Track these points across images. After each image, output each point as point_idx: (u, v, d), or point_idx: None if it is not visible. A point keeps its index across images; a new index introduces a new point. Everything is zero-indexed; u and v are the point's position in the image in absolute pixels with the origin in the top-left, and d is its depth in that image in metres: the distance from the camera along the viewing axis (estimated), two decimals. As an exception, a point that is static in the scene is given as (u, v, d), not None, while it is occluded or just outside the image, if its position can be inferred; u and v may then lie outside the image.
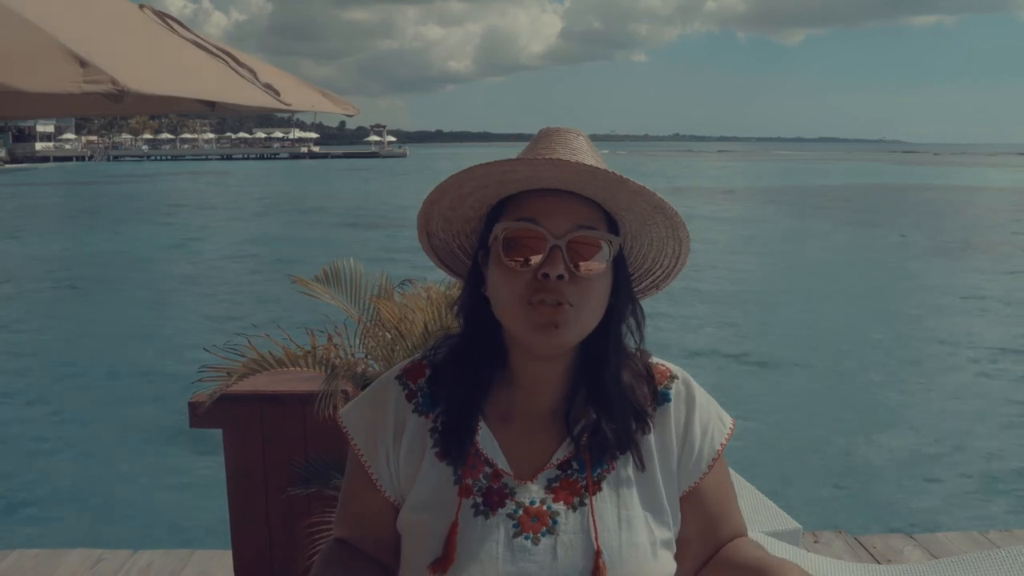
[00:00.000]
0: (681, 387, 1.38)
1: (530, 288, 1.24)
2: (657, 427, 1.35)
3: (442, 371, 1.37)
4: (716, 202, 48.08)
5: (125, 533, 7.28)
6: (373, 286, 3.38)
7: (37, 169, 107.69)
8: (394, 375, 1.40)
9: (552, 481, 1.30)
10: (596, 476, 1.31)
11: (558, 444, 1.33)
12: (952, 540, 4.57)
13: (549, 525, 1.28)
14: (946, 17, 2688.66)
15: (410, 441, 1.34)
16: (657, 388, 1.37)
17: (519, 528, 1.27)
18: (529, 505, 1.29)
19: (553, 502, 1.29)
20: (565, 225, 1.24)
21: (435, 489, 1.31)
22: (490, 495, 1.29)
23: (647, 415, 1.34)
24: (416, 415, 1.35)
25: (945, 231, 33.00)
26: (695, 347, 14.01)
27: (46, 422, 11.04)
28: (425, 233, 1.39)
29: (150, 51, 2.30)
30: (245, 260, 25.76)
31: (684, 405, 1.38)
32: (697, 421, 1.37)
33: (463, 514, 1.28)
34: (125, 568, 4.32)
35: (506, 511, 1.28)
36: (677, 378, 1.39)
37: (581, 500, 1.29)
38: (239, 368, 3.16)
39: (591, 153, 1.28)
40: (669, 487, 1.34)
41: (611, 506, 1.29)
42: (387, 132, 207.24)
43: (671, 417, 1.36)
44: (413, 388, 1.37)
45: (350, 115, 3.33)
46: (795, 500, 6.97)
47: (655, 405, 1.36)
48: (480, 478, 1.30)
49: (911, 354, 14.23)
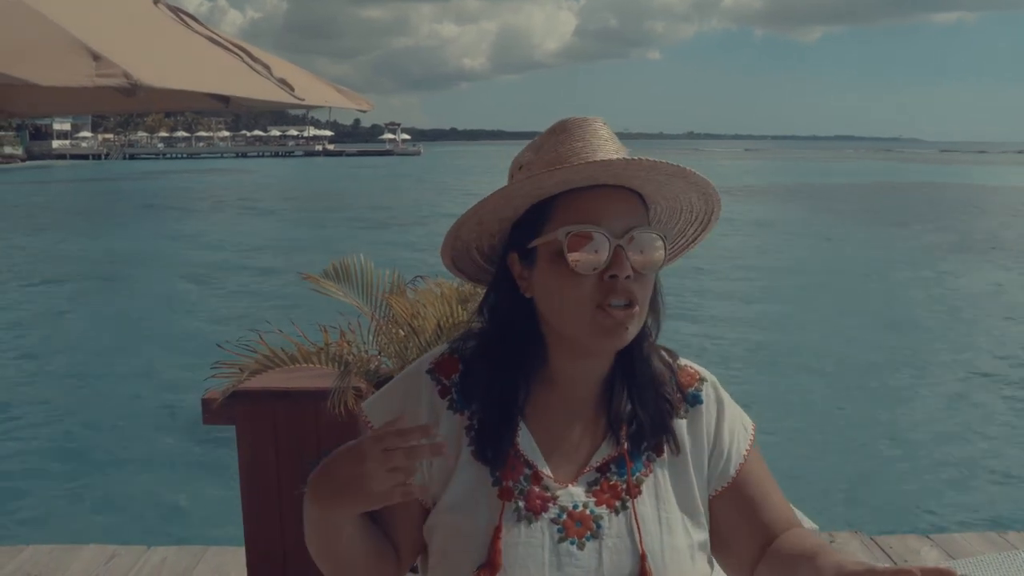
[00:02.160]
0: (711, 390, 1.38)
1: (599, 291, 1.22)
2: (691, 429, 1.35)
3: (475, 368, 1.33)
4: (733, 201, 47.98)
5: (139, 529, 7.30)
6: (385, 282, 3.37)
7: (54, 167, 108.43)
8: (424, 368, 1.36)
9: (592, 484, 1.28)
10: (635, 479, 1.30)
11: (596, 445, 1.31)
12: (969, 541, 4.53)
13: (593, 530, 1.26)
14: (967, 14, 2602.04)
15: (444, 439, 1.28)
16: (687, 390, 1.37)
17: (564, 533, 1.25)
18: (572, 509, 1.27)
19: (596, 506, 1.27)
20: (622, 224, 1.23)
21: (472, 490, 1.28)
22: (532, 498, 1.26)
23: (675, 403, 1.34)
24: (451, 412, 1.32)
25: (951, 228, 32.80)
26: (713, 346, 13.97)
27: (59, 418, 11.10)
28: (453, 238, 1.34)
29: (163, 46, 2.30)
30: (258, 257, 25.84)
31: (715, 408, 1.37)
32: (726, 424, 1.36)
33: (506, 518, 1.25)
34: (139, 564, 4.33)
35: (549, 516, 1.26)
36: (707, 381, 1.39)
37: (623, 503, 1.28)
38: (252, 365, 3.16)
39: (616, 140, 1.29)
40: (702, 490, 1.33)
41: (651, 509, 1.29)
42: (401, 130, 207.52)
43: (703, 419, 1.35)
44: (447, 384, 1.33)
45: (364, 111, 3.32)
46: (811, 500, 6.93)
47: (687, 406, 1.36)
48: (520, 480, 1.27)
49: (932, 356, 14.15)
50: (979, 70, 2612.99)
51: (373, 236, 30.84)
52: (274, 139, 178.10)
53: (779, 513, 1.36)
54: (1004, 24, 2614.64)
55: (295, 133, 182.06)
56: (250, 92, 2.35)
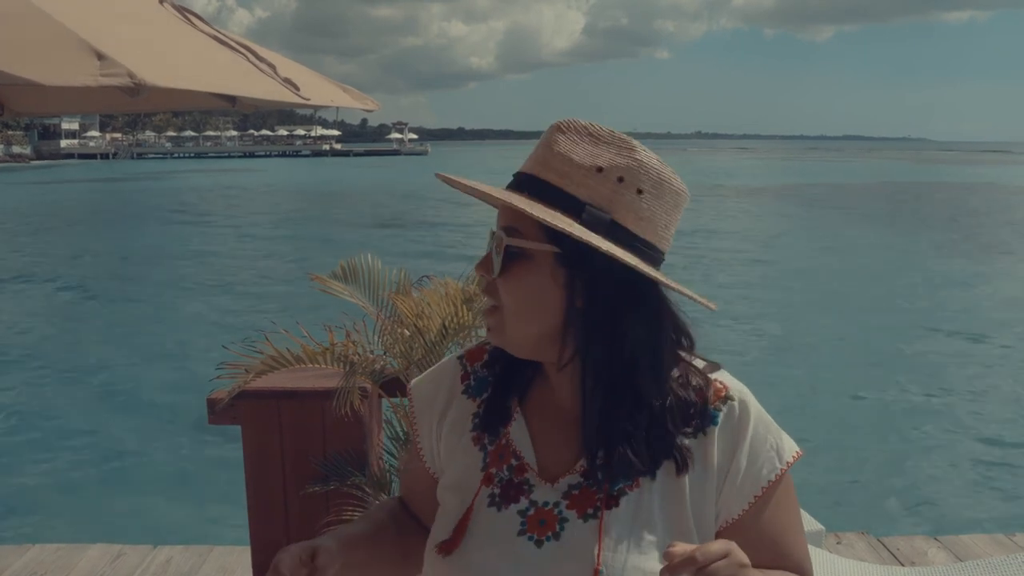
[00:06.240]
0: (734, 409, 1.25)
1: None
2: (696, 453, 1.23)
3: (496, 357, 1.37)
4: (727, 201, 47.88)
5: (145, 528, 7.31)
6: (391, 282, 3.36)
7: (62, 166, 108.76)
8: (458, 355, 1.43)
9: (573, 488, 1.26)
10: (616, 490, 1.23)
11: (584, 451, 1.29)
12: (977, 542, 4.52)
13: (555, 531, 1.23)
14: (979, 12, 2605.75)
15: (453, 421, 1.36)
16: (707, 407, 1.25)
17: (524, 527, 1.25)
18: (542, 506, 1.26)
19: (567, 509, 1.24)
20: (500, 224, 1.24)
21: (464, 472, 1.32)
22: (508, 488, 1.28)
23: (681, 446, 1.23)
24: (464, 396, 1.37)
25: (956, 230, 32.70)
26: (726, 348, 13.96)
27: (66, 417, 11.13)
28: None
29: (168, 45, 2.29)
30: (266, 256, 25.89)
31: (732, 430, 1.24)
32: (745, 449, 1.24)
33: (479, 501, 1.28)
34: (145, 563, 4.34)
35: (518, 507, 1.26)
36: (732, 400, 1.26)
37: (594, 513, 1.23)
38: (257, 365, 3.15)
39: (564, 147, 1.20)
40: (701, 517, 1.23)
41: (625, 525, 1.21)
42: (409, 130, 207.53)
43: (714, 442, 1.24)
44: (469, 370, 1.39)
45: (370, 110, 3.31)
46: (818, 500, 6.91)
47: (698, 427, 1.24)
48: (504, 469, 1.29)
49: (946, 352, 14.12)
50: (990, 70, 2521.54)
51: (380, 236, 30.88)
52: (282, 139, 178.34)
53: (786, 560, 1.27)
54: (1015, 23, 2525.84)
55: (302, 133, 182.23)
56: (255, 92, 2.34)
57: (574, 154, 1.19)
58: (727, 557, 1.05)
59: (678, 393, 1.24)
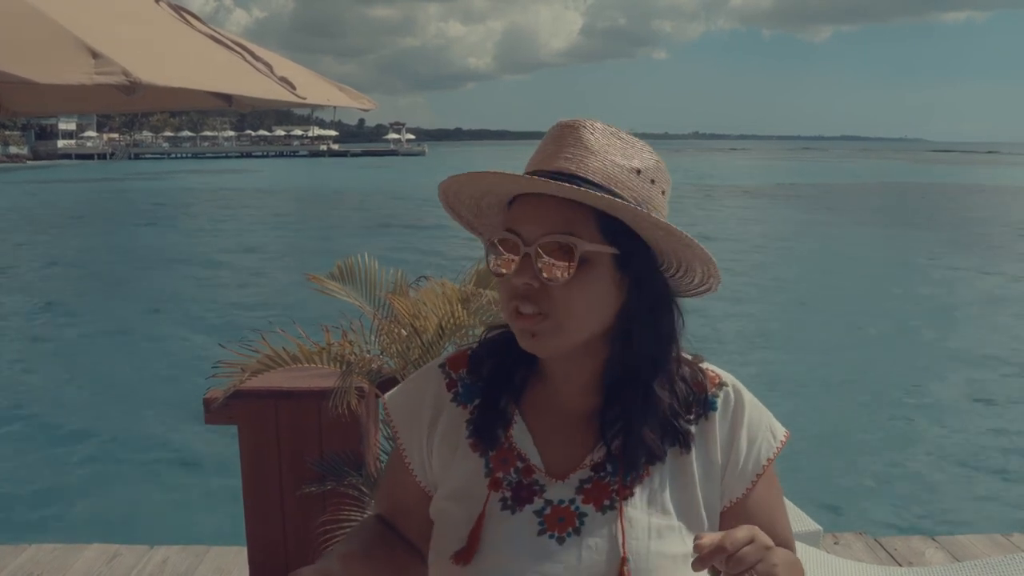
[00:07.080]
0: (730, 395, 1.31)
1: (515, 296, 1.21)
2: (699, 438, 1.29)
3: (482, 362, 1.35)
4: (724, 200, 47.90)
5: (141, 529, 7.30)
6: (388, 282, 3.36)
7: (59, 166, 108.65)
8: (438, 363, 1.40)
9: (584, 482, 1.27)
10: (628, 481, 1.26)
11: (593, 445, 1.29)
12: (974, 543, 4.52)
13: (576, 526, 1.24)
14: (977, 13, 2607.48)
15: (445, 430, 1.33)
16: (703, 395, 1.30)
17: (544, 526, 1.25)
18: (557, 504, 1.26)
19: (583, 503, 1.26)
20: (537, 231, 1.19)
21: (466, 480, 1.29)
22: (519, 490, 1.27)
23: (685, 431, 1.28)
24: (454, 405, 1.35)
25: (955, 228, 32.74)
26: (727, 349, 13.96)
27: (63, 417, 11.11)
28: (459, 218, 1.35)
29: (164, 44, 2.29)
30: (262, 257, 25.87)
31: (731, 415, 1.31)
32: (744, 432, 1.30)
33: (491, 507, 1.26)
34: (141, 564, 4.33)
35: (533, 508, 1.26)
36: (727, 386, 1.32)
37: (611, 504, 1.25)
38: (253, 364, 3.15)
39: (599, 146, 1.20)
40: (709, 500, 1.28)
41: (642, 513, 1.25)
42: (406, 130, 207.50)
43: (715, 427, 1.29)
44: (454, 378, 1.37)
45: (367, 110, 3.31)
46: (815, 501, 6.90)
47: (699, 414, 1.30)
48: (511, 472, 1.28)
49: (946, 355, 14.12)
50: (988, 70, 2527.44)
51: (377, 236, 30.87)
52: (279, 139, 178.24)
53: (777, 538, 1.29)
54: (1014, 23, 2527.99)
55: (300, 133, 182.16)
56: (251, 91, 2.34)
57: (612, 155, 1.21)
58: (752, 542, 1.07)
59: (680, 381, 1.29)
